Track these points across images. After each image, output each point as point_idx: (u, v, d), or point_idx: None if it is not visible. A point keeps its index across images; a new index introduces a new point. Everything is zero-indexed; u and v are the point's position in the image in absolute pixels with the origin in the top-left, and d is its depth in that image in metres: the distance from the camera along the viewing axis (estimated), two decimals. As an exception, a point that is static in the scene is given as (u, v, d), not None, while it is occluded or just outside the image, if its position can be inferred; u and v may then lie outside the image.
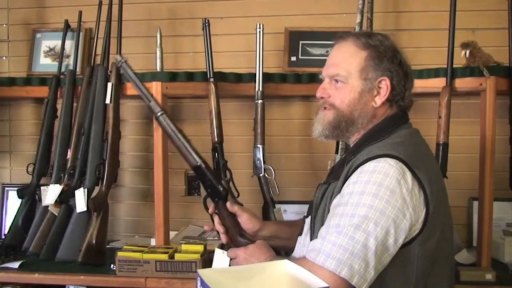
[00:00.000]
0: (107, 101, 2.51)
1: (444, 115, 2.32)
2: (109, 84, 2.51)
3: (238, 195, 2.44)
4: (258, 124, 2.47)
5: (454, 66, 2.32)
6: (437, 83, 2.35)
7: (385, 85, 1.56)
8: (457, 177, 2.50)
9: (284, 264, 1.26)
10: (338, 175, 1.50)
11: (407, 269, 1.40)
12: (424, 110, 2.66)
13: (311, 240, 1.53)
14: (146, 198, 2.94)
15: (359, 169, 1.42)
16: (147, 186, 2.93)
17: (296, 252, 1.67)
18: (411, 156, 1.41)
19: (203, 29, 2.46)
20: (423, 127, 2.55)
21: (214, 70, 2.46)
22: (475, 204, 2.55)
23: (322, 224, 1.47)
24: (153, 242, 2.61)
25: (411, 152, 1.43)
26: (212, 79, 2.45)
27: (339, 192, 1.45)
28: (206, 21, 2.46)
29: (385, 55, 1.56)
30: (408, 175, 1.38)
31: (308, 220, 1.62)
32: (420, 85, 2.35)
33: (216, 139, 2.45)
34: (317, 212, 1.54)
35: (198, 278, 1.19)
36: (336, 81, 1.60)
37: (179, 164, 2.83)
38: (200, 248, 2.33)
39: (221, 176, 2.44)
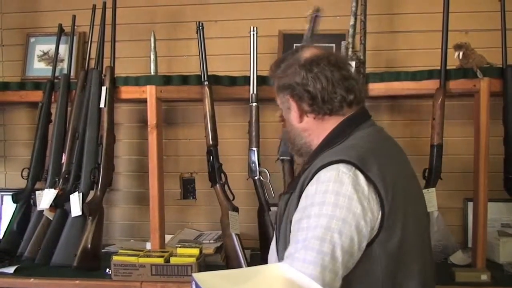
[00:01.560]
0: (101, 105, 2.51)
1: (438, 117, 2.33)
2: (103, 88, 2.51)
3: (234, 198, 2.45)
4: (253, 127, 2.48)
5: (447, 67, 2.33)
6: (431, 85, 2.36)
7: (290, 103, 1.61)
8: (451, 178, 2.51)
9: (278, 268, 1.27)
10: (295, 185, 1.51)
11: (372, 270, 1.40)
12: (418, 112, 2.68)
13: (277, 247, 1.58)
14: (141, 202, 2.93)
15: (314, 178, 1.43)
16: (142, 190, 2.92)
17: (269, 257, 1.71)
18: (363, 157, 1.42)
19: (197, 33, 2.46)
20: (417, 128, 2.64)
21: (209, 73, 2.46)
22: (470, 205, 2.56)
23: (286, 234, 1.50)
24: (148, 246, 2.60)
25: (363, 153, 1.44)
26: (206, 83, 2.45)
27: (297, 202, 1.46)
28: (200, 24, 2.46)
29: (285, 75, 1.61)
30: (362, 178, 1.39)
31: (275, 227, 1.65)
32: (413, 86, 2.39)
33: (211, 142, 2.45)
34: (281, 222, 1.56)
35: (193, 281, 1.19)
36: None
37: (174, 167, 2.85)
38: (195, 251, 2.33)
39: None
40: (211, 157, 2.45)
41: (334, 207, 1.35)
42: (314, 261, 1.30)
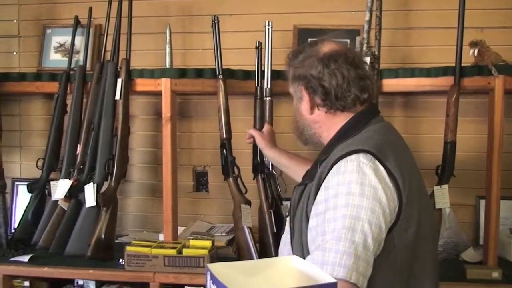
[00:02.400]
0: (117, 97, 2.53)
1: (452, 114, 2.33)
2: (119, 80, 2.53)
3: (246, 192, 2.46)
4: (266, 121, 2.48)
5: (462, 64, 2.32)
6: (445, 82, 2.35)
7: (303, 94, 1.62)
8: (464, 176, 2.51)
9: (292, 260, 1.27)
10: (313, 175, 1.52)
11: (390, 258, 1.41)
12: (432, 108, 2.69)
13: (291, 239, 1.58)
14: (154, 193, 2.96)
15: (334, 169, 1.44)
16: (155, 181, 2.95)
17: (281, 249, 1.71)
18: (381, 148, 1.44)
19: (212, 26, 2.47)
20: (430, 125, 2.64)
21: (223, 67, 2.47)
22: (482, 202, 2.56)
23: (301, 226, 1.51)
24: (161, 237, 2.62)
25: (380, 144, 1.46)
26: (221, 76, 2.46)
27: (315, 193, 1.47)
28: (216, 18, 2.47)
29: (302, 65, 1.62)
30: (381, 168, 1.41)
31: (288, 219, 1.65)
32: (428, 83, 2.39)
33: (224, 136, 2.46)
34: (295, 213, 1.56)
35: (208, 272, 1.19)
36: None
37: (187, 160, 2.87)
38: (208, 243, 2.35)
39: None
40: (224, 150, 2.47)
41: (361, 197, 1.36)
42: (348, 252, 1.32)
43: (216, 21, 2.47)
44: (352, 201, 1.36)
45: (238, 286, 1.12)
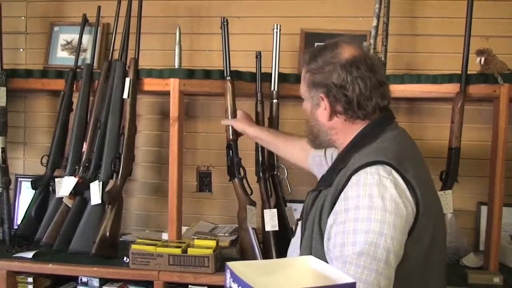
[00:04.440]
0: (125, 96, 2.54)
1: (457, 120, 2.36)
2: (127, 79, 2.54)
3: (252, 193, 2.47)
4: (273, 123, 2.51)
5: (468, 72, 2.35)
6: (451, 89, 2.38)
7: (322, 101, 1.60)
8: (466, 182, 2.53)
9: (308, 260, 1.28)
10: (329, 182, 1.52)
11: (401, 267, 1.39)
12: (436, 115, 2.71)
13: (301, 242, 1.58)
14: (157, 193, 2.97)
15: (354, 180, 1.43)
16: (159, 181, 2.97)
17: (290, 252, 1.73)
18: (399, 159, 1.44)
19: (221, 28, 2.48)
20: (435, 131, 2.66)
21: (231, 69, 2.48)
22: (483, 208, 2.60)
23: (312, 231, 1.51)
24: (164, 236, 2.64)
25: (398, 155, 1.46)
26: (229, 78, 2.47)
27: (332, 202, 1.46)
28: (225, 20, 2.48)
29: (321, 71, 1.59)
30: (400, 181, 1.41)
31: (300, 223, 1.66)
32: (434, 89, 2.42)
33: (231, 137, 2.47)
34: (308, 218, 1.57)
35: (228, 270, 1.20)
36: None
37: (191, 160, 2.89)
38: (212, 243, 2.36)
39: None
40: (230, 151, 2.47)
41: (383, 212, 1.35)
42: (369, 267, 1.31)
43: (225, 23, 2.48)
44: (374, 215, 1.35)
45: (260, 284, 1.13)
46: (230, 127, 2.46)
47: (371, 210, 1.36)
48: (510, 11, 2.62)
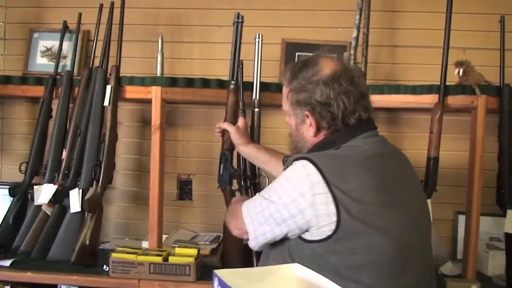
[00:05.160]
0: (106, 103, 2.53)
1: (436, 130, 2.37)
2: (108, 87, 2.53)
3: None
4: (254, 132, 2.50)
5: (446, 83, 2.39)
6: (430, 99, 2.41)
7: (307, 119, 1.65)
8: (443, 191, 2.55)
9: (294, 268, 1.29)
10: None
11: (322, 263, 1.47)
12: (415, 125, 2.75)
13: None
14: (137, 201, 2.96)
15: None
16: (139, 189, 2.96)
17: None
18: (328, 162, 1.51)
19: (234, 25, 2.44)
20: (413, 141, 2.70)
21: (213, 78, 2.50)
22: (461, 217, 2.63)
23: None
24: (143, 244, 2.63)
25: (332, 160, 1.53)
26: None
27: None
28: (240, 17, 2.44)
29: (304, 90, 1.63)
30: (315, 176, 1.48)
31: None
32: (413, 100, 2.44)
33: (229, 146, 2.43)
34: None
35: (216, 278, 1.21)
36: None
37: (172, 168, 2.88)
38: (193, 251, 2.36)
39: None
40: (225, 160, 2.44)
41: (278, 186, 1.58)
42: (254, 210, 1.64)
43: (239, 21, 2.42)
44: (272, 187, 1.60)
45: (247, 291, 1.14)
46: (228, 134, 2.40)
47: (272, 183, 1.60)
48: (486, 24, 2.66)
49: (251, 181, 2.51)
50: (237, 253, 2.37)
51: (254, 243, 1.65)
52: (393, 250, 1.49)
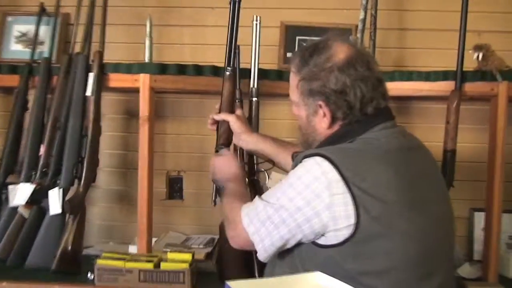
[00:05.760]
0: (88, 93, 2.33)
1: (452, 121, 2.22)
2: (91, 75, 2.33)
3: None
4: (252, 123, 2.31)
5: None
6: (445, 87, 2.25)
7: (321, 109, 1.52)
8: (459, 187, 2.37)
9: (316, 277, 1.16)
10: None
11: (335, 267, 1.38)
12: (427, 115, 2.60)
13: None
14: (122, 201, 2.77)
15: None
16: (124, 187, 2.77)
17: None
18: (344, 157, 1.40)
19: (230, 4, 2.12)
20: (427, 132, 2.50)
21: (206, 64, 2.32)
22: (477, 215, 2.50)
23: None
24: (131, 249, 2.47)
25: (348, 155, 1.42)
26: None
27: None
28: None
29: (316, 78, 1.50)
30: (332, 175, 1.37)
31: None
32: (426, 87, 2.31)
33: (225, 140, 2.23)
34: None
35: (228, 290, 1.07)
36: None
37: (161, 164, 2.68)
38: (188, 256, 2.18)
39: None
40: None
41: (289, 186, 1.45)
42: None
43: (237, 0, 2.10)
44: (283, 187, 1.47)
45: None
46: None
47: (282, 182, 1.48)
48: (503, 6, 2.53)
49: (250, 178, 2.32)
50: (235, 257, 2.17)
51: (265, 256, 1.51)
52: (418, 254, 1.41)
